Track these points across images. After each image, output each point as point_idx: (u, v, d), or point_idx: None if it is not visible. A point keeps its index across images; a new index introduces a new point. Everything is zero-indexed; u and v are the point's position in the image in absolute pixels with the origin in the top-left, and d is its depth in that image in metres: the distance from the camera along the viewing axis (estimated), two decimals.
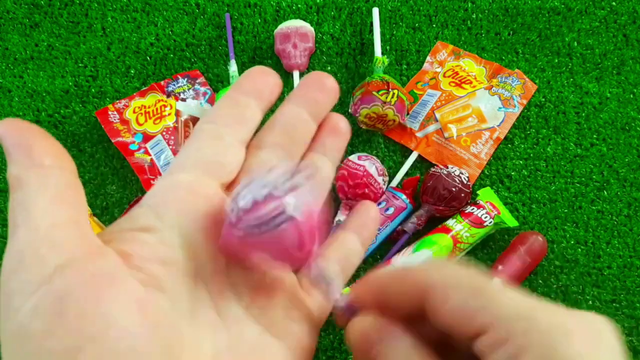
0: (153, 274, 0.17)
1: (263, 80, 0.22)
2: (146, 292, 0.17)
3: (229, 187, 0.22)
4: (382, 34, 0.63)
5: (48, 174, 0.17)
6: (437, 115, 0.59)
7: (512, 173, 0.58)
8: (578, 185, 0.58)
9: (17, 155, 0.17)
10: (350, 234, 0.24)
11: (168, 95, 0.60)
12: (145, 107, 0.59)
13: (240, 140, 0.22)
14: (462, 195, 0.53)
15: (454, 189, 0.52)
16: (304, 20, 0.63)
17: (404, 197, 0.55)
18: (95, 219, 0.55)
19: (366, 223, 0.25)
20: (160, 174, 0.56)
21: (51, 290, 0.15)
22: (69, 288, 0.15)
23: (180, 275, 0.18)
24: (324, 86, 0.23)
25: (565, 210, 0.57)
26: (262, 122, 0.23)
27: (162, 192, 0.20)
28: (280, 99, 0.23)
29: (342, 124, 0.24)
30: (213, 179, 0.20)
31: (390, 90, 0.55)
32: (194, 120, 0.59)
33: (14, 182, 0.17)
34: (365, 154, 0.56)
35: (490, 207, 0.53)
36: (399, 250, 0.53)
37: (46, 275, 0.15)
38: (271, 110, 0.23)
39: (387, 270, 0.20)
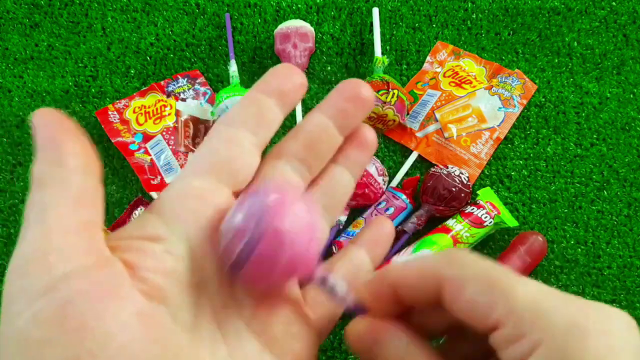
0: (157, 285, 0.17)
1: (288, 80, 0.21)
2: (149, 305, 0.17)
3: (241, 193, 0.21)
4: (382, 34, 0.63)
5: (71, 178, 0.17)
6: (437, 115, 0.59)
7: (512, 173, 0.58)
8: (578, 185, 0.58)
9: (45, 152, 0.17)
10: (360, 250, 0.23)
11: (168, 95, 0.60)
12: (145, 107, 0.59)
13: (257, 145, 0.21)
14: (462, 195, 0.53)
15: (454, 189, 0.52)
16: (304, 20, 0.63)
17: (404, 197, 0.55)
18: None
19: (379, 240, 0.24)
20: (160, 174, 0.56)
21: (54, 299, 0.15)
22: (73, 297, 0.15)
23: (184, 288, 0.18)
24: (358, 97, 0.22)
25: (565, 210, 0.57)
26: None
27: (172, 199, 0.19)
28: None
29: (369, 136, 0.23)
30: (226, 186, 0.20)
31: (390, 90, 0.55)
32: (194, 120, 0.59)
33: (36, 180, 0.17)
34: None
35: (490, 207, 0.53)
36: (399, 250, 0.53)
37: (51, 283, 0.15)
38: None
39: (401, 263, 0.19)
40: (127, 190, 0.57)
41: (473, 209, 0.53)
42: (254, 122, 0.21)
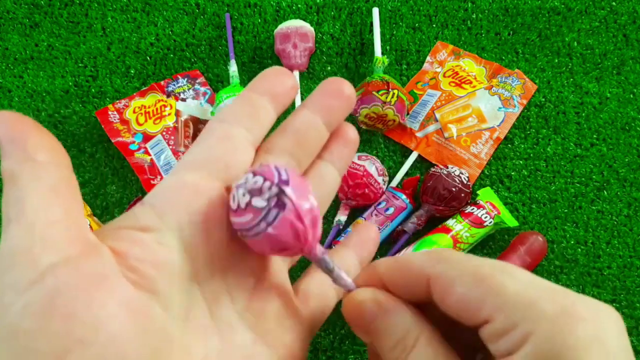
0: (147, 275, 0.17)
1: (279, 81, 0.22)
2: (138, 295, 0.17)
3: None
4: (382, 34, 0.63)
5: (42, 169, 0.17)
6: (437, 115, 0.59)
7: (512, 173, 0.58)
8: (578, 185, 0.58)
9: (11, 150, 0.16)
10: (349, 251, 0.24)
11: (168, 95, 0.60)
12: (145, 107, 0.59)
13: (250, 142, 0.21)
14: (462, 195, 0.53)
15: (454, 189, 0.52)
16: (304, 20, 0.63)
17: (404, 197, 0.55)
18: (95, 219, 0.55)
19: (365, 243, 0.25)
20: (160, 174, 0.56)
21: (42, 289, 0.15)
22: (60, 288, 0.15)
23: (175, 278, 0.18)
24: (341, 93, 0.22)
25: (565, 210, 0.57)
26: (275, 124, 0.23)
27: (165, 192, 0.20)
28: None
29: (352, 133, 0.24)
30: (218, 180, 0.20)
31: (390, 90, 0.55)
32: (194, 120, 0.59)
33: (7, 177, 0.16)
34: (365, 153, 0.56)
35: (490, 207, 0.53)
36: (398, 250, 0.53)
37: (38, 274, 0.15)
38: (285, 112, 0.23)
39: (389, 261, 0.19)
40: (127, 190, 0.57)
41: (473, 209, 0.53)
42: (247, 119, 0.21)
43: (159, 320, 0.17)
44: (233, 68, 0.60)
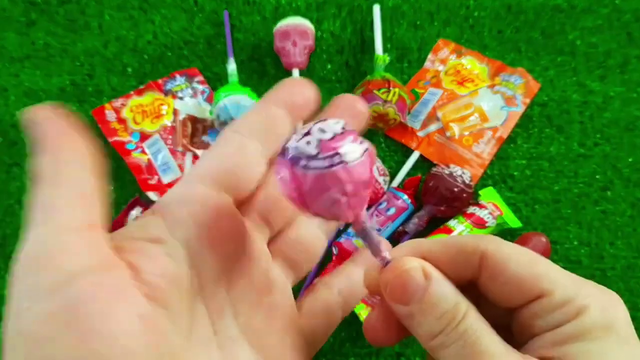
0: (158, 288, 0.17)
1: (299, 92, 0.22)
2: (151, 308, 0.17)
3: (244, 202, 0.21)
4: (383, 32, 0.62)
5: (72, 174, 0.17)
6: (439, 114, 0.58)
7: (515, 173, 0.58)
8: (581, 185, 0.57)
9: (44, 149, 0.16)
10: (357, 268, 0.24)
11: (166, 94, 0.59)
12: (142, 105, 0.59)
13: (263, 155, 0.21)
14: (464, 195, 0.52)
15: (455, 189, 0.52)
16: (304, 17, 0.63)
17: (405, 197, 0.54)
18: None
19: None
20: (157, 174, 0.56)
21: (61, 299, 0.15)
22: (79, 298, 0.15)
23: (183, 292, 0.18)
24: (354, 109, 0.22)
25: (569, 211, 0.56)
26: None
27: (176, 203, 0.19)
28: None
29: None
30: (228, 194, 0.20)
31: (391, 88, 0.54)
32: (192, 119, 0.59)
33: (36, 179, 0.16)
34: None
35: (493, 208, 0.52)
36: None
37: (59, 282, 0.15)
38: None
39: (435, 239, 0.19)
40: (124, 190, 0.57)
41: (475, 209, 0.52)
42: (262, 131, 0.21)
43: (167, 334, 0.17)
44: (232, 66, 0.59)
